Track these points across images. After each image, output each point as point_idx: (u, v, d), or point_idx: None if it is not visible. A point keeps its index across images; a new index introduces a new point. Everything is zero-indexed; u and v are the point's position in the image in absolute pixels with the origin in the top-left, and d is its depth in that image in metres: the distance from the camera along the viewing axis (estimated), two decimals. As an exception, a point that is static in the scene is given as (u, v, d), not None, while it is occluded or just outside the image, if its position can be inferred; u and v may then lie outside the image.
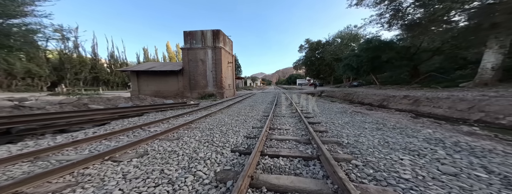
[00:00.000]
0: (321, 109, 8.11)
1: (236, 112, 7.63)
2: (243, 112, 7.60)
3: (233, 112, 7.66)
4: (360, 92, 14.44)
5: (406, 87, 15.48)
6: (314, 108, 8.62)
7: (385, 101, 10.12)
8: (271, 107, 8.95)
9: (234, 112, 7.52)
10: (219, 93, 17.04)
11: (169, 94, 16.16)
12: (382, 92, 13.18)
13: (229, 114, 7.11)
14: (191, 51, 16.53)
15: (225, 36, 18.48)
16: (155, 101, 10.13)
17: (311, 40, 48.83)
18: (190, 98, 16.17)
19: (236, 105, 10.09)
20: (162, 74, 15.78)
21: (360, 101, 12.55)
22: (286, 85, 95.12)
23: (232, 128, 4.76)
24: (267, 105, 9.88)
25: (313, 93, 24.07)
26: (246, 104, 10.78)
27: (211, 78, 17.08)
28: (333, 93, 19.92)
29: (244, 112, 7.47)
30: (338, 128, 4.72)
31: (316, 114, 6.99)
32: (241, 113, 7.32)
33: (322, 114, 6.95)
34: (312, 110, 7.84)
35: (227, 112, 7.73)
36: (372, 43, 20.17)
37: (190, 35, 16.68)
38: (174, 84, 16.26)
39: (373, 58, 20.33)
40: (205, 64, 16.87)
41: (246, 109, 8.48)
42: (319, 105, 9.61)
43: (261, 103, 10.95)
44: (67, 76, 35.91)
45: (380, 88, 17.70)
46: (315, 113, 7.07)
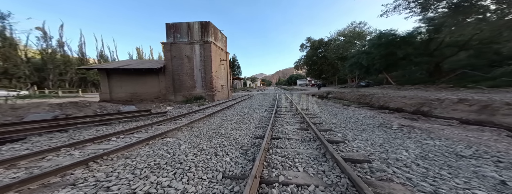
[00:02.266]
0: (342, 120, 5.49)
1: (214, 127, 4.98)
2: (226, 126, 4.96)
3: (211, 127, 5.01)
4: (379, 94, 11.82)
5: (433, 87, 12.85)
6: (331, 118, 5.99)
7: (425, 106, 7.47)
8: (269, 116, 6.30)
9: (211, 128, 4.88)
10: (208, 95, 14.40)
11: (148, 97, 13.51)
12: (409, 93, 10.55)
13: (200, 132, 4.46)
14: (175, 46, 13.90)
15: (216, 30, 15.89)
16: (106, 108, 7.47)
17: (313, 39, 46.41)
18: (174, 101, 13.52)
19: (222, 113, 7.44)
20: (139, 73, 13.15)
21: (383, 105, 9.91)
22: (287, 85, 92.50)
23: (175, 178, 2.13)
24: (264, 114, 7.23)
25: (317, 94, 21.43)
26: (237, 111, 8.14)
27: (199, 78, 14.44)
28: (342, 94, 17.27)
29: (225, 128, 4.83)
30: (418, 176, 2.09)
31: (341, 129, 4.37)
32: (220, 130, 4.67)
33: (352, 130, 4.31)
34: (333, 123, 5.19)
35: (201, 127, 5.08)
36: (385, 37, 17.60)
37: (174, 27, 14.07)
38: (155, 85, 13.62)
39: (386, 55, 17.74)
40: (192, 61, 14.24)
41: (233, 120, 5.84)
42: (334, 112, 7.00)
43: (256, 110, 8.30)
44: (50, 77, 33.26)
45: (399, 88, 15.07)
46: (339, 128, 4.46)
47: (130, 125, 5.31)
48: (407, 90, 13.64)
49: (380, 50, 17.57)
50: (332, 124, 5.13)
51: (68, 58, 36.67)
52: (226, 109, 8.86)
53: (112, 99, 12.91)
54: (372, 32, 32.35)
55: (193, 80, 14.34)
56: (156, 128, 4.92)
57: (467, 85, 11.52)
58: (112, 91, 13.18)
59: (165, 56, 13.51)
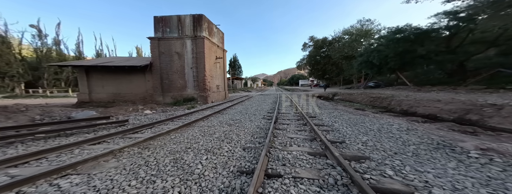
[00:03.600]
0: (370, 134, 3.79)
1: (181, 148, 3.32)
2: (199, 147, 3.29)
3: (175, 148, 3.35)
4: (400, 96, 10.02)
5: (462, 89, 10.98)
6: (353, 131, 4.29)
7: (473, 113, 5.67)
8: (266, 127, 4.63)
9: (175, 150, 3.22)
10: (201, 96, 12.80)
11: (133, 98, 11.96)
12: (439, 96, 8.75)
13: (148, 162, 2.80)
14: (163, 41, 12.35)
15: (211, 24, 14.31)
16: (51, 114, 5.78)
17: (316, 38, 44.60)
18: (162, 103, 11.95)
19: (207, 122, 5.79)
20: (123, 72, 11.61)
21: (407, 111, 8.14)
22: (288, 86, 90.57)
23: None
24: (260, 123, 5.56)
25: (322, 95, 19.65)
26: (228, 117, 6.49)
27: (190, 77, 12.86)
28: (351, 96, 15.47)
29: (198, 150, 3.17)
30: None
31: (380, 155, 2.67)
32: (186, 155, 3.01)
33: (402, 159, 2.61)
34: (361, 142, 3.48)
35: (160, 148, 3.43)
36: (403, 33, 15.72)
37: (163, 21, 12.52)
38: (141, 84, 12.07)
39: (402, 52, 15.87)
40: (182, 58, 12.67)
41: (216, 134, 4.19)
42: (352, 120, 5.29)
43: (252, 117, 6.64)
44: (45, 76, 32.19)
45: (418, 90, 13.20)
46: (376, 152, 2.77)
47: (78, 137, 3.72)
48: (430, 92, 11.80)
49: (397, 46, 15.71)
50: (360, 142, 3.42)
51: (65, 57, 35.62)
52: (215, 114, 7.22)
53: (91, 100, 11.41)
54: (381, 29, 30.43)
55: (184, 80, 12.76)
56: (82, 151, 3.19)
57: (506, 86, 9.66)
58: (92, 91, 11.66)
59: (152, 53, 11.96)
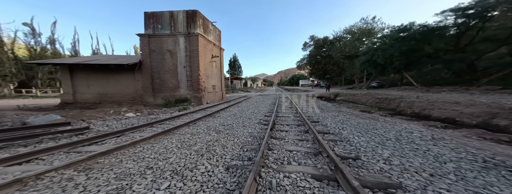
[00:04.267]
0: (390, 146, 2.99)
1: (141, 168, 2.54)
2: (166, 166, 2.49)
3: (133, 169, 2.57)
4: (410, 97, 9.20)
5: (476, 89, 10.16)
6: (366, 140, 3.50)
7: (500, 117, 4.88)
8: (261, 135, 3.84)
9: (133, 172, 2.44)
10: (195, 97, 12.01)
11: (122, 99, 11.17)
12: (453, 97, 7.95)
13: (89, 190, 2.02)
14: (154, 38, 11.55)
15: (206, 21, 13.51)
16: (3, 119, 4.92)
17: (317, 37, 43.74)
18: (152, 104, 11.16)
19: (192, 128, 5.00)
20: (111, 71, 10.80)
21: (419, 113, 7.34)
22: (288, 86, 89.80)
23: None
24: (254, 129, 4.77)
25: (323, 96, 18.84)
26: (219, 121, 5.70)
27: (184, 77, 12.07)
28: (355, 97, 14.66)
29: (164, 171, 2.39)
30: None
31: (415, 183, 1.88)
32: (135, 190, 2.22)
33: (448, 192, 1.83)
34: (383, 159, 2.69)
35: (115, 168, 2.64)
36: (408, 31, 14.92)
37: (154, 17, 11.72)
38: (130, 84, 11.28)
39: (408, 51, 15.06)
40: (175, 57, 11.88)
41: (197, 145, 3.39)
42: (361, 126, 4.50)
43: (246, 121, 5.85)
44: (39, 76, 31.43)
45: (427, 90, 12.38)
46: (410, 178, 1.99)
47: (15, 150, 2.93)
48: (440, 92, 10.99)
49: (402, 45, 14.90)
50: (380, 159, 2.63)
51: (60, 56, 34.84)
52: (206, 118, 6.43)
53: (76, 101, 10.62)
54: (384, 28, 29.56)
55: (177, 79, 11.97)
56: None
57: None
58: (77, 91, 10.86)
59: (142, 50, 11.16)
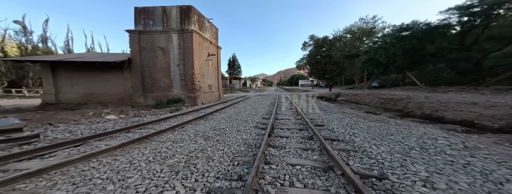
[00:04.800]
0: (418, 160, 2.38)
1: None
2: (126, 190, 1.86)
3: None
4: (419, 98, 8.60)
5: (486, 89, 9.61)
6: (385, 150, 2.87)
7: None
8: (257, 143, 3.17)
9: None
10: (189, 97, 11.33)
11: (110, 99, 10.44)
12: (465, 98, 7.37)
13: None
14: (145, 35, 10.83)
15: (201, 18, 12.84)
16: None
17: (316, 37, 43.21)
18: (143, 105, 10.45)
19: (178, 133, 4.34)
20: (96, 68, 10.05)
21: (430, 115, 6.75)
22: (288, 86, 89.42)
23: None
24: (250, 135, 4.11)
25: (324, 96, 18.25)
26: (211, 125, 5.04)
27: (177, 76, 11.38)
28: (357, 97, 14.08)
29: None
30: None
31: None
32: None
33: None
34: (424, 183, 2.06)
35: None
36: (410, 30, 14.41)
37: (145, 12, 11.02)
38: (118, 84, 10.55)
39: (411, 49, 14.54)
40: (167, 54, 11.18)
41: (175, 156, 2.74)
42: (372, 130, 3.87)
43: (242, 125, 5.19)
44: (30, 75, 30.45)
45: (433, 91, 11.83)
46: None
47: None
48: (447, 92, 10.43)
49: (405, 44, 14.38)
50: (417, 179, 2.00)
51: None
52: (196, 121, 5.76)
53: (59, 101, 9.87)
54: (385, 27, 29.12)
55: (169, 78, 11.27)
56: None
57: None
58: (60, 91, 10.10)
59: (132, 48, 10.43)
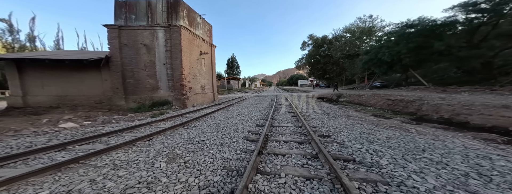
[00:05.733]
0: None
1: None
2: None
3: None
4: (432, 99, 7.62)
5: (505, 90, 8.67)
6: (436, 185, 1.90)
7: None
8: (241, 166, 2.16)
9: None
10: (178, 100, 10.29)
11: (86, 102, 9.36)
12: (485, 99, 6.41)
13: None
14: (126, 30, 9.77)
15: (192, 13, 11.81)
16: None
17: (316, 36, 42.35)
18: (125, 109, 9.38)
19: (135, 150, 3.32)
20: (70, 67, 8.96)
21: (451, 119, 5.80)
22: (287, 86, 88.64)
23: None
24: (235, 154, 3.09)
25: (324, 97, 17.28)
26: (189, 136, 4.01)
27: (164, 76, 10.33)
28: (360, 98, 13.11)
29: None
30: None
31: None
32: None
33: None
34: None
35: None
36: (415, 27, 13.51)
37: (127, 6, 9.95)
38: (96, 84, 9.47)
39: (416, 48, 13.62)
40: (152, 52, 10.13)
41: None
42: (398, 144, 2.90)
43: (228, 136, 4.17)
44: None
45: (443, 91, 10.88)
46: None
47: None
48: (459, 93, 9.49)
49: (410, 41, 13.48)
50: None
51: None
52: (174, 129, 4.73)
53: (27, 104, 8.76)
54: (385, 26, 28.29)
55: (155, 79, 10.22)
56: None
57: None
58: (28, 93, 9.01)
59: (111, 44, 9.36)
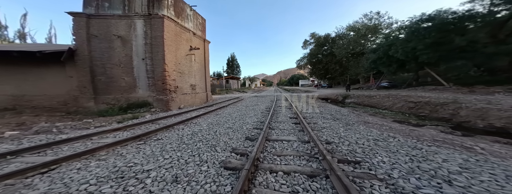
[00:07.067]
0: None
1: None
2: None
3: None
4: (470, 101, 6.04)
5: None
6: None
7: None
8: None
9: None
10: (159, 101, 8.80)
11: (48, 103, 7.89)
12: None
13: None
14: (96, 20, 8.25)
15: (180, 2, 10.27)
16: None
17: (318, 34, 40.73)
18: (94, 111, 7.89)
19: (38, 187, 1.82)
20: (28, 63, 7.48)
21: (508, 129, 4.28)
22: (288, 86, 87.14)
23: None
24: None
25: (329, 98, 15.73)
26: (122, 164, 2.54)
27: (142, 73, 8.84)
28: (371, 99, 11.53)
29: None
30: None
31: None
32: None
33: None
34: None
35: None
36: (432, 21, 11.94)
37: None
38: (60, 82, 8.00)
39: (433, 44, 12.00)
40: (129, 45, 8.63)
41: None
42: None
43: (206, 154, 2.65)
44: (6, 74, 27.88)
45: (470, 91, 9.27)
46: None
47: None
48: (492, 94, 7.91)
49: (423, 38, 11.92)
50: None
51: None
52: (126, 144, 3.25)
53: (-26, 107, 7.37)
54: (392, 23, 26.62)
55: (132, 76, 8.72)
56: None
57: None
58: (-24, 93, 7.60)
59: (77, 35, 7.87)
